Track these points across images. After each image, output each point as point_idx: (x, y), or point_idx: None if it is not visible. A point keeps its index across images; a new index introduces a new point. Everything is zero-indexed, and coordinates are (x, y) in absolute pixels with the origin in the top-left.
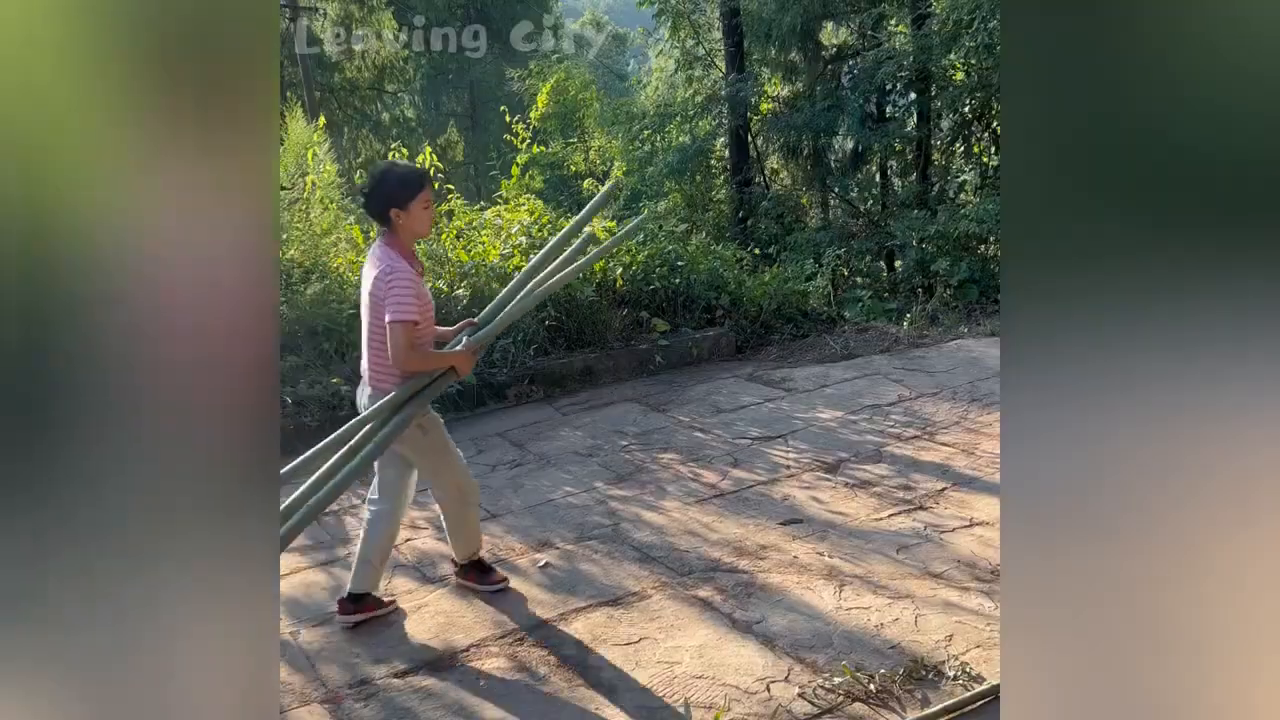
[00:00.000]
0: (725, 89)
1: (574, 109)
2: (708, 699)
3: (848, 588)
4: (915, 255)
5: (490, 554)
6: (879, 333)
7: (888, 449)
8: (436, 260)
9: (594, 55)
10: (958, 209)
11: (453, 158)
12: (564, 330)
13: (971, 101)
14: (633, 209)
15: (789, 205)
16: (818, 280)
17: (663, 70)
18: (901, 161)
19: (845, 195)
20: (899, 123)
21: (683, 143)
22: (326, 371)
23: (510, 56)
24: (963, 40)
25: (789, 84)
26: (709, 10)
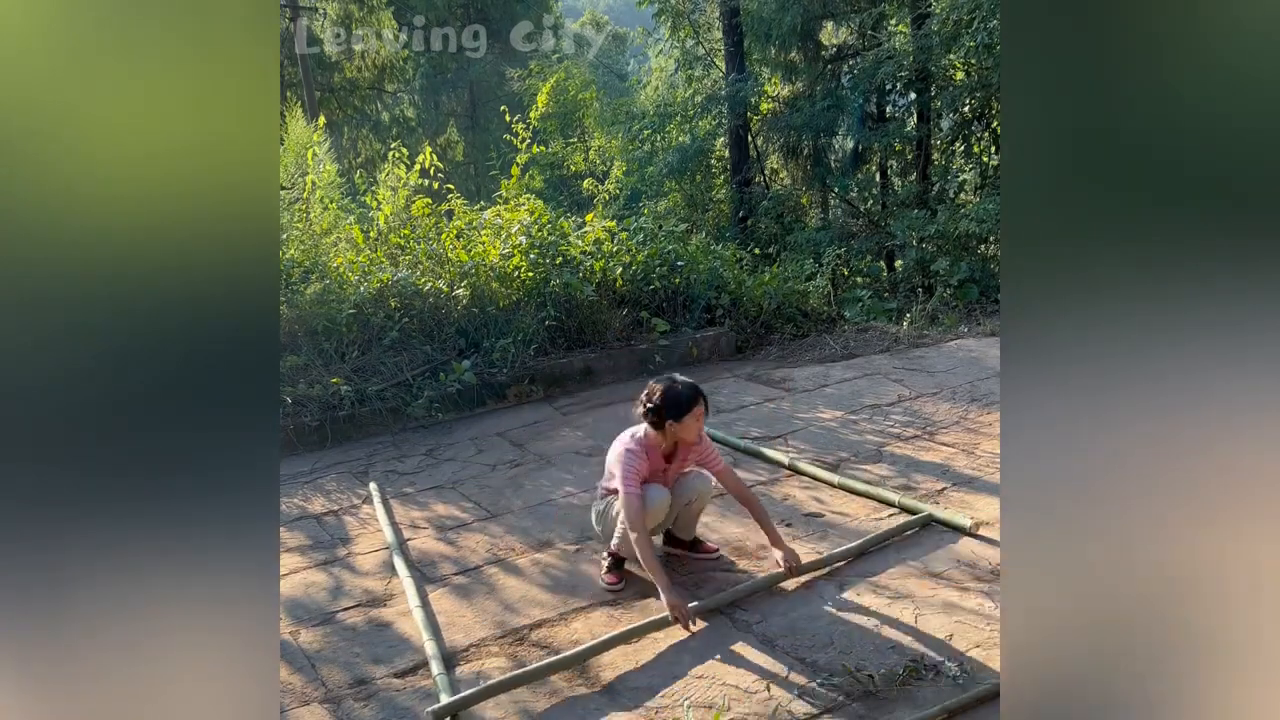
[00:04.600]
0: (725, 89)
1: (574, 109)
2: (707, 699)
3: (848, 588)
4: (915, 255)
5: (490, 554)
6: (879, 332)
7: (888, 449)
8: (436, 260)
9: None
10: (958, 209)
11: (453, 158)
12: (564, 330)
13: (971, 101)
14: (633, 209)
15: (789, 205)
16: (818, 280)
17: (663, 70)
18: (901, 161)
19: (845, 195)
20: (899, 123)
21: (683, 143)
22: (326, 371)
23: (510, 56)
24: (963, 40)
25: (789, 84)
26: (709, 10)
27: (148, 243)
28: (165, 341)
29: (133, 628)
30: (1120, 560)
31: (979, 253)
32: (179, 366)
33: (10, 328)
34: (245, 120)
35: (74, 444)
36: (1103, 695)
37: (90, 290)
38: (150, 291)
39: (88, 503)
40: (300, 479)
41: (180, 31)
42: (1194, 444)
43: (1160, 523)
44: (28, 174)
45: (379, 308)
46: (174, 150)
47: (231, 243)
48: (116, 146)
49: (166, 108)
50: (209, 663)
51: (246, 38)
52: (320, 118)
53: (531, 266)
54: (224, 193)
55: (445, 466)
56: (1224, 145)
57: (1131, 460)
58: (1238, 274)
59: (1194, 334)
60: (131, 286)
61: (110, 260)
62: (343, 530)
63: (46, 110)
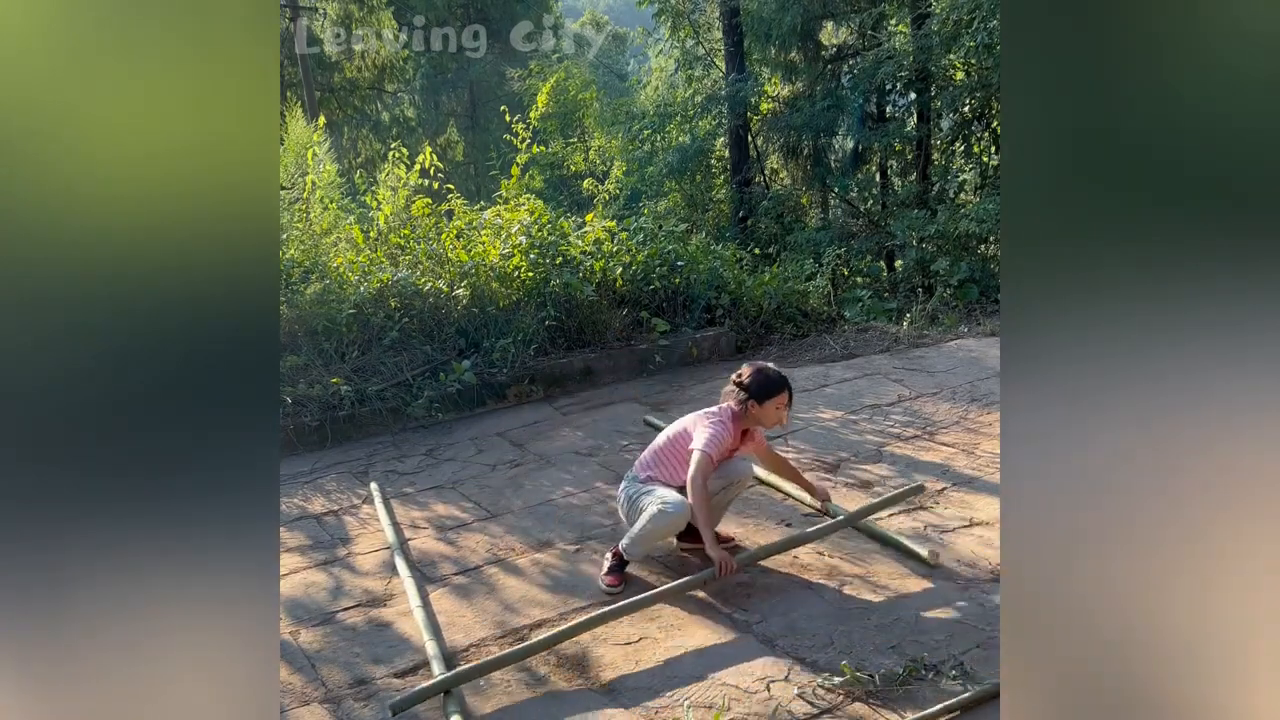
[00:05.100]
0: (725, 89)
1: (574, 109)
2: (707, 699)
3: (848, 588)
4: (915, 255)
5: (490, 554)
6: (879, 332)
7: (888, 449)
8: (436, 260)
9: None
10: (958, 209)
11: (453, 158)
12: (564, 330)
13: (971, 101)
14: (633, 209)
15: (789, 205)
16: (818, 280)
17: (663, 70)
18: (901, 161)
19: (845, 195)
20: (899, 123)
21: (683, 143)
22: (326, 371)
23: (510, 56)
24: (963, 40)
25: (789, 84)
26: (709, 10)
27: (148, 243)
28: (165, 341)
29: (133, 628)
30: (1120, 560)
31: (979, 253)
32: (179, 366)
33: (10, 328)
34: (245, 120)
35: (74, 444)
36: (1103, 695)
37: (90, 290)
38: (150, 291)
39: (88, 503)
40: (300, 479)
41: (180, 31)
42: (1194, 444)
43: (1160, 523)
44: (28, 174)
45: (379, 308)
46: (174, 150)
47: (231, 243)
48: (116, 146)
49: (166, 108)
50: (209, 663)
51: (246, 38)
52: (320, 118)
53: (531, 266)
54: (224, 193)
55: (445, 466)
56: (1224, 145)
57: (1131, 460)
58: (1238, 274)
59: (1194, 334)
60: (131, 286)
61: (110, 260)
62: (343, 530)
63: (46, 110)
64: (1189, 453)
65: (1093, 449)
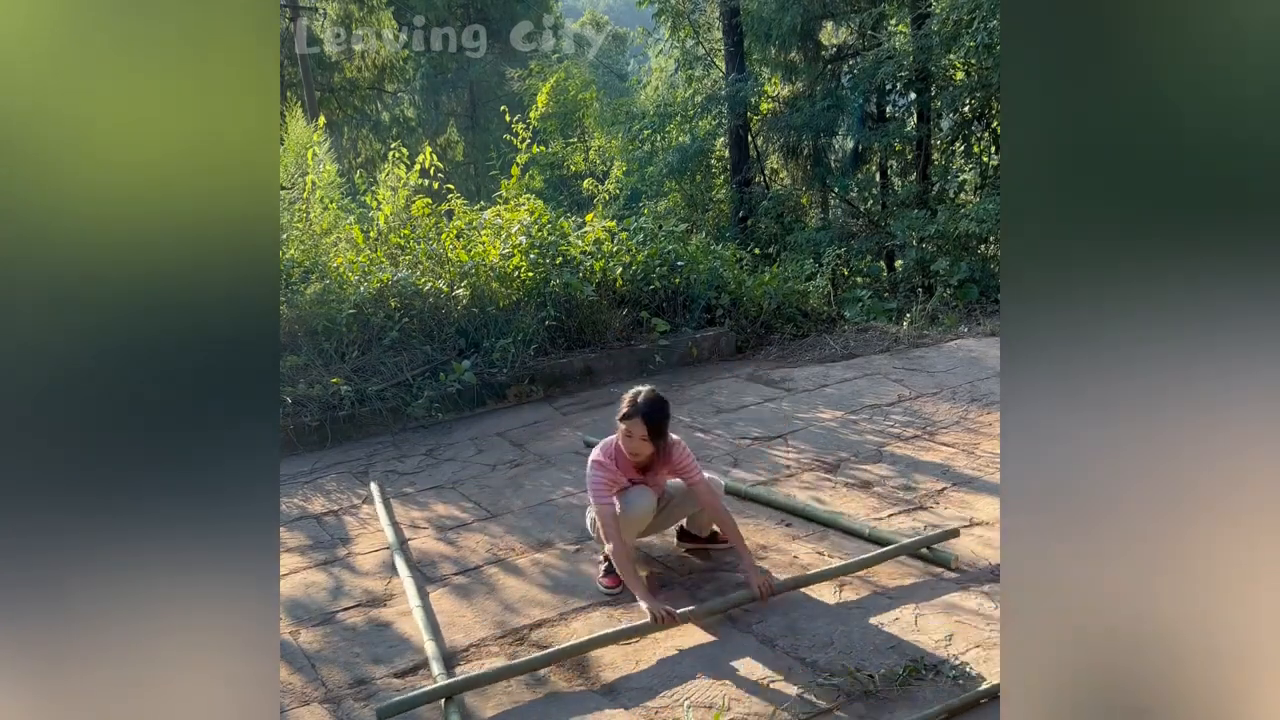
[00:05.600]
0: (725, 89)
1: (574, 109)
2: (707, 699)
3: (848, 588)
4: (915, 255)
5: (490, 554)
6: (879, 332)
7: (888, 449)
8: (436, 260)
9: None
10: (958, 209)
11: (453, 158)
12: (564, 330)
13: (971, 101)
14: (633, 209)
15: (789, 205)
16: (818, 280)
17: (663, 70)
18: (901, 161)
19: (845, 195)
20: (899, 123)
21: (683, 143)
22: (326, 371)
23: (510, 56)
24: (963, 40)
25: (789, 84)
26: (709, 10)
27: (148, 242)
28: (165, 341)
29: (133, 628)
30: (1120, 560)
31: (979, 253)
32: (179, 366)
33: (10, 328)
34: (245, 120)
35: (74, 444)
36: (1103, 695)
37: (90, 290)
38: (150, 291)
39: (88, 502)
40: (300, 479)
41: (180, 31)
42: (1194, 444)
43: (1160, 522)
44: (28, 174)
45: (379, 308)
46: (174, 150)
47: (231, 243)
48: (117, 146)
49: (167, 108)
50: (209, 663)
51: (246, 38)
52: (320, 118)
53: (531, 266)
54: (224, 193)
55: (445, 466)
56: (1223, 146)
57: (1131, 460)
58: (1237, 274)
59: (1194, 334)
60: (132, 286)
61: (110, 260)
62: (343, 530)
63: (47, 110)
64: (1189, 453)
65: (1093, 449)
